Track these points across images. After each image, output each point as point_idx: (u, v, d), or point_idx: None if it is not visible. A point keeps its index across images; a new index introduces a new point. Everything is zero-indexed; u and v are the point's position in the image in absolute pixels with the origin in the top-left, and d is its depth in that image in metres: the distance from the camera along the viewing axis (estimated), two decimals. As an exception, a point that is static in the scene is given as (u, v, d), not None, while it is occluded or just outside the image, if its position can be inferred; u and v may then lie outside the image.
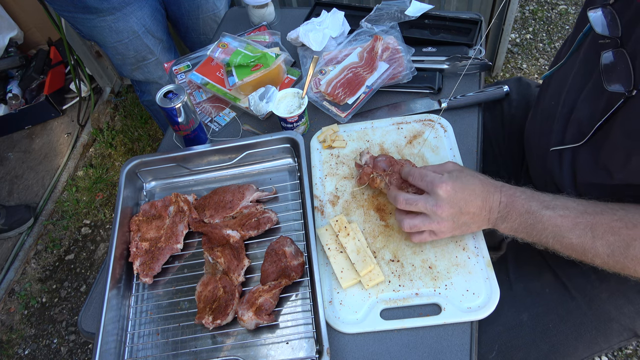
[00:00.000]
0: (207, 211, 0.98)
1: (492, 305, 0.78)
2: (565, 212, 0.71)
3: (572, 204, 0.72)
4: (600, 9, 0.68)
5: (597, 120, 0.71)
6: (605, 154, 0.72)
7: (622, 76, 0.64)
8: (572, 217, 0.70)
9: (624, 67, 0.64)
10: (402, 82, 1.12)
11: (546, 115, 0.88)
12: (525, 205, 0.73)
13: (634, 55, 0.63)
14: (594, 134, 0.73)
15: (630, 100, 0.64)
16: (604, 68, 0.67)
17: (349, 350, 0.78)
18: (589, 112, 0.74)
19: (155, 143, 2.54)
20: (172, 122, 1.01)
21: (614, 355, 1.66)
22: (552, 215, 0.71)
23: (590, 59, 0.76)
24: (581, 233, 0.69)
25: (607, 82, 0.66)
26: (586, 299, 0.88)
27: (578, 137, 0.76)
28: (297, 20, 1.30)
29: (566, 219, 0.70)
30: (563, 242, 0.72)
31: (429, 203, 0.77)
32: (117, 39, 1.48)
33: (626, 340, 0.88)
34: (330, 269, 0.86)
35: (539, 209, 0.72)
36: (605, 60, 0.66)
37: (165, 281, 0.93)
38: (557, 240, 0.72)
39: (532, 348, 0.89)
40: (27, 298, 2.08)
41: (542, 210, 0.72)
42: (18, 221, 2.24)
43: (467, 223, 0.78)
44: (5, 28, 2.63)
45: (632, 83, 0.63)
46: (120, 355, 0.83)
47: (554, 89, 0.87)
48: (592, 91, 0.74)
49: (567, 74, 0.83)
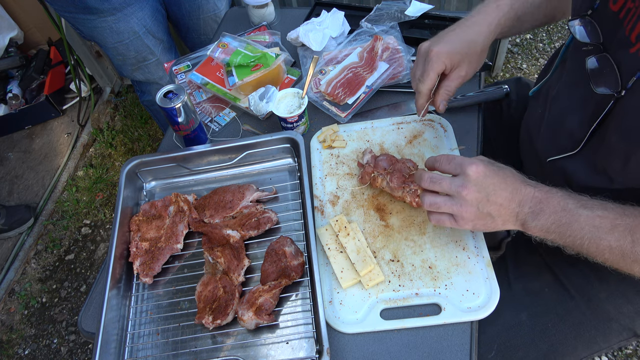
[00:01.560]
0: (207, 211, 0.98)
1: (492, 305, 0.78)
2: (603, 213, 0.67)
3: (611, 204, 0.68)
4: (578, 19, 0.71)
5: (589, 126, 0.71)
6: (603, 158, 0.72)
7: (609, 79, 0.65)
8: (611, 219, 0.66)
9: (609, 70, 0.65)
10: (402, 82, 1.13)
11: (538, 128, 0.88)
12: (561, 202, 0.69)
13: (617, 59, 0.65)
14: (588, 140, 0.73)
15: (619, 101, 0.65)
16: (590, 73, 0.68)
17: (349, 350, 0.78)
18: (580, 120, 0.75)
19: (155, 143, 2.54)
20: (172, 122, 1.01)
21: (613, 355, 1.66)
22: (589, 215, 0.67)
23: (576, 69, 0.77)
24: (620, 236, 0.65)
25: (595, 85, 0.67)
26: (585, 298, 0.88)
27: (573, 146, 0.76)
28: (297, 20, 1.30)
29: (604, 219, 0.66)
30: (600, 245, 0.67)
31: (454, 183, 0.72)
32: (118, 39, 1.48)
33: (625, 340, 0.88)
34: (330, 269, 0.86)
35: (575, 208, 0.68)
36: (591, 65, 0.68)
37: (165, 281, 0.93)
38: (593, 242, 0.67)
39: (531, 347, 0.89)
40: (27, 298, 2.08)
41: (579, 209, 0.67)
42: (18, 221, 2.24)
43: (491, 215, 0.72)
44: (5, 28, 2.63)
45: (619, 84, 0.64)
46: (120, 355, 0.84)
47: (543, 102, 0.88)
48: (581, 99, 0.75)
49: (555, 86, 0.85)
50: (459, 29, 0.87)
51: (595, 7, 0.70)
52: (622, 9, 0.65)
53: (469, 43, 0.86)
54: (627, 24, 0.64)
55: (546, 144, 0.84)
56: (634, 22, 0.62)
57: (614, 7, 0.66)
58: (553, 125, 0.83)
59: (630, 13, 0.63)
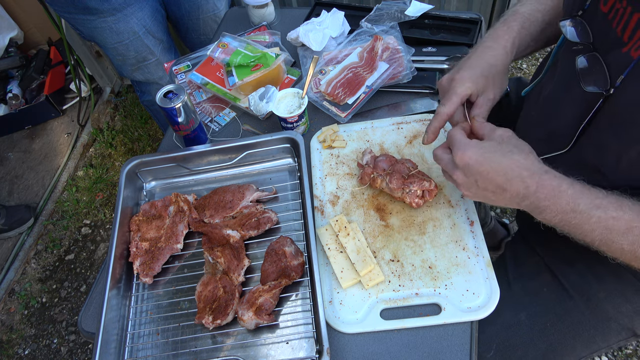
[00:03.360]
0: (207, 211, 0.98)
1: (492, 305, 0.78)
2: (618, 214, 0.63)
3: (628, 202, 0.64)
4: (569, 20, 0.71)
5: (579, 124, 0.72)
6: (594, 157, 0.72)
7: (598, 78, 0.66)
8: (626, 220, 0.63)
9: (598, 68, 0.66)
10: (402, 82, 1.13)
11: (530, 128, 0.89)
12: (571, 203, 0.65)
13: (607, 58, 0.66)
14: (577, 138, 0.73)
15: (609, 99, 0.66)
16: (579, 71, 0.68)
17: (349, 350, 0.78)
18: (570, 119, 0.75)
19: (155, 143, 2.54)
20: (172, 122, 1.02)
21: (613, 355, 1.66)
22: (602, 217, 0.64)
23: (567, 69, 0.78)
24: (635, 239, 0.63)
25: (584, 84, 0.67)
26: (584, 298, 0.88)
27: (562, 145, 0.76)
28: (297, 20, 1.30)
29: (619, 221, 0.63)
30: (612, 247, 0.65)
31: (448, 166, 0.74)
32: (118, 39, 1.49)
33: (625, 339, 0.88)
34: (330, 269, 0.86)
35: (588, 209, 0.64)
36: (580, 65, 0.68)
37: (165, 281, 0.93)
38: (604, 243, 0.65)
39: (530, 347, 0.90)
40: (27, 298, 2.08)
41: (592, 210, 0.64)
42: (18, 221, 2.24)
43: (489, 197, 0.72)
44: (5, 28, 2.63)
45: (608, 83, 0.65)
46: (120, 355, 0.84)
47: (535, 102, 0.89)
48: (572, 99, 0.75)
49: (547, 86, 0.85)
50: (475, 55, 0.84)
51: (585, 8, 0.70)
52: (611, 10, 0.66)
53: (489, 66, 0.83)
54: (617, 25, 0.64)
55: (538, 143, 0.84)
56: (624, 22, 0.63)
57: (604, 8, 0.67)
58: (545, 125, 0.83)
59: (618, 14, 0.64)
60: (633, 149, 0.66)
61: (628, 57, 0.62)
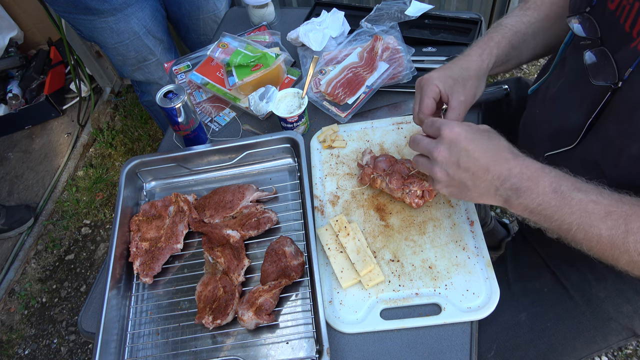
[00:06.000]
0: (207, 211, 0.98)
1: (492, 305, 0.78)
2: (598, 198, 0.63)
3: (607, 191, 0.64)
4: (577, 17, 0.72)
5: (587, 119, 0.72)
6: (598, 153, 0.72)
7: (607, 71, 0.66)
8: (606, 205, 0.62)
9: (607, 62, 0.66)
10: (402, 82, 1.13)
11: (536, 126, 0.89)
12: (553, 183, 0.65)
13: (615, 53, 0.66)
14: (585, 133, 0.73)
15: (617, 93, 0.66)
16: (587, 66, 0.68)
17: (349, 350, 0.78)
18: (579, 115, 0.75)
19: (155, 143, 2.54)
20: (172, 122, 1.02)
21: (614, 355, 1.66)
22: (583, 199, 0.63)
23: (575, 66, 0.78)
24: (613, 224, 0.61)
25: (593, 78, 0.67)
26: (584, 298, 0.88)
27: (570, 140, 0.76)
28: (297, 20, 1.30)
29: (598, 205, 0.62)
30: (589, 233, 0.63)
31: (430, 144, 0.72)
32: (118, 40, 1.49)
33: (625, 339, 0.88)
34: (330, 269, 0.86)
35: (569, 190, 0.64)
36: (588, 59, 0.68)
37: (165, 281, 0.93)
38: (582, 228, 0.63)
39: (530, 347, 0.90)
40: (27, 298, 2.08)
41: (573, 192, 0.64)
42: (18, 221, 2.24)
43: (465, 184, 0.70)
44: (5, 28, 2.63)
45: (616, 76, 0.65)
46: (120, 355, 0.84)
47: (542, 100, 0.89)
48: (580, 95, 0.76)
49: (554, 84, 0.85)
50: (451, 62, 0.89)
51: (593, 5, 0.71)
52: (619, 6, 0.66)
53: (460, 69, 0.85)
54: (625, 20, 0.65)
55: (544, 141, 0.84)
56: (633, 18, 0.63)
57: (612, 5, 0.67)
58: (552, 123, 0.83)
59: (625, 10, 0.65)
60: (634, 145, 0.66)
61: (636, 52, 0.63)
